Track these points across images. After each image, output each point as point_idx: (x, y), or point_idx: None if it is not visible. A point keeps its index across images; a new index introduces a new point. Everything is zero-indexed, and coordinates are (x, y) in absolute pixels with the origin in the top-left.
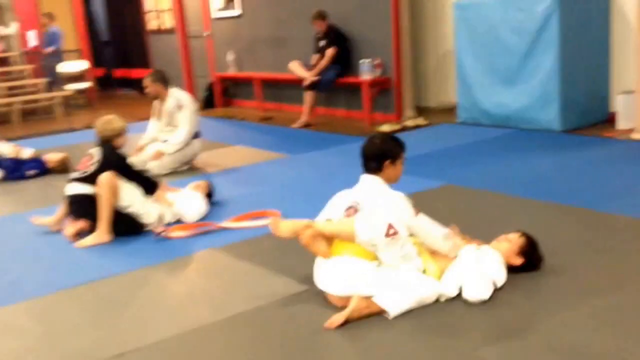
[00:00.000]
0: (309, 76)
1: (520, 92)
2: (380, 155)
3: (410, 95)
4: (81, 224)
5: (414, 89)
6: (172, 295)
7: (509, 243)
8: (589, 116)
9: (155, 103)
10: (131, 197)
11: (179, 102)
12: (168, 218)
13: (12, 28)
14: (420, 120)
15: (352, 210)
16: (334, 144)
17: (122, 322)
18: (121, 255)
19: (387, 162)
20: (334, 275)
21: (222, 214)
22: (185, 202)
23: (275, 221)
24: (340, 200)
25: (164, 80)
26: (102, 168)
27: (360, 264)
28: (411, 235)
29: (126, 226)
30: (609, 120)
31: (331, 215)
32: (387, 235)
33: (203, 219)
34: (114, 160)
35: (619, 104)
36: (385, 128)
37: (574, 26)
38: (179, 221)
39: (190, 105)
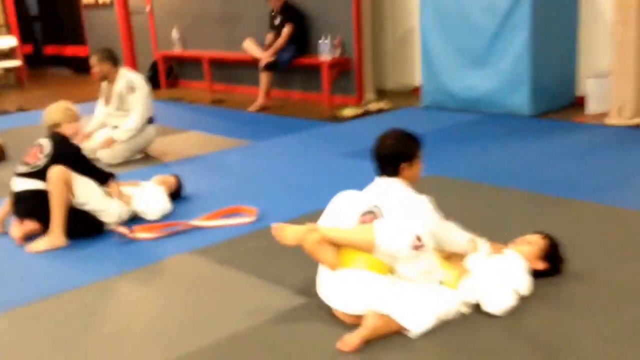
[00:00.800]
0: (265, 56)
1: (489, 74)
2: (395, 158)
3: (370, 77)
4: (30, 225)
5: (374, 70)
6: (149, 313)
7: (530, 246)
8: (557, 100)
9: (103, 85)
10: (87, 193)
11: (131, 83)
12: (125, 216)
13: None
14: (383, 104)
15: (370, 216)
16: (297, 129)
17: (91, 348)
18: (81, 262)
19: (404, 165)
20: (344, 291)
21: (190, 210)
22: (144, 197)
23: (279, 227)
24: (349, 203)
25: (113, 59)
26: (53, 161)
27: (374, 277)
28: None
29: (83, 226)
30: (577, 103)
31: (339, 220)
32: (414, 247)
33: (166, 217)
34: (67, 152)
35: (589, 87)
36: (348, 112)
37: (545, 6)
38: (140, 220)
39: (143, 87)
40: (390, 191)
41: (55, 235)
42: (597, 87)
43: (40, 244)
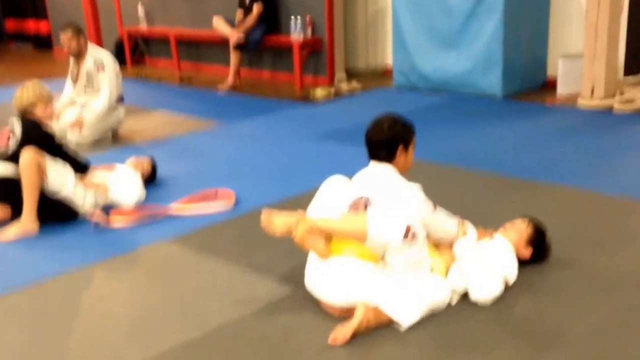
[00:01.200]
0: (234, 35)
1: (462, 55)
2: (391, 143)
3: (342, 58)
4: (1, 211)
5: (346, 50)
6: (128, 305)
7: (518, 233)
8: (528, 81)
9: (71, 62)
10: (62, 180)
11: (100, 61)
12: (101, 203)
13: None
14: (355, 85)
15: (361, 203)
16: (268, 110)
17: (69, 343)
18: (56, 251)
19: (399, 150)
20: (333, 281)
21: (165, 195)
22: (118, 185)
23: (268, 215)
24: (339, 190)
25: (84, 35)
26: (24, 145)
27: (364, 267)
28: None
29: (57, 213)
30: (547, 85)
31: (329, 207)
32: (406, 238)
33: (141, 203)
34: (38, 136)
35: (560, 68)
36: (319, 93)
37: None
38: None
39: (112, 65)
40: (382, 178)
41: (27, 221)
42: (568, 68)
43: (11, 231)
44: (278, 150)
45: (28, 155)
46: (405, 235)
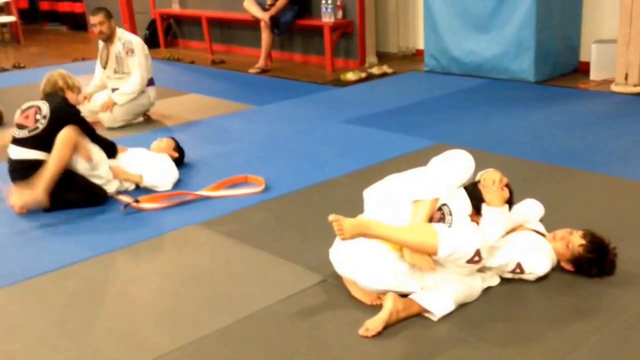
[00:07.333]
0: (265, 17)
1: (494, 39)
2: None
3: (372, 41)
4: (31, 195)
5: (376, 33)
6: (156, 291)
7: (566, 247)
8: (560, 66)
9: (100, 46)
10: (100, 158)
11: (129, 45)
12: (127, 185)
13: None
14: (386, 68)
15: (438, 214)
16: (301, 93)
17: (98, 329)
18: (84, 235)
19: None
20: (369, 267)
21: (195, 179)
22: (153, 171)
23: (340, 221)
24: (403, 184)
25: (113, 19)
26: (54, 124)
27: (398, 257)
28: None
29: (86, 195)
30: (579, 70)
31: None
32: (471, 262)
33: (175, 186)
34: (69, 115)
35: (593, 54)
36: (351, 76)
37: None
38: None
39: (142, 48)
40: (460, 206)
41: (40, 191)
42: (602, 53)
43: (24, 196)
44: (308, 134)
45: (69, 131)
46: (471, 260)
